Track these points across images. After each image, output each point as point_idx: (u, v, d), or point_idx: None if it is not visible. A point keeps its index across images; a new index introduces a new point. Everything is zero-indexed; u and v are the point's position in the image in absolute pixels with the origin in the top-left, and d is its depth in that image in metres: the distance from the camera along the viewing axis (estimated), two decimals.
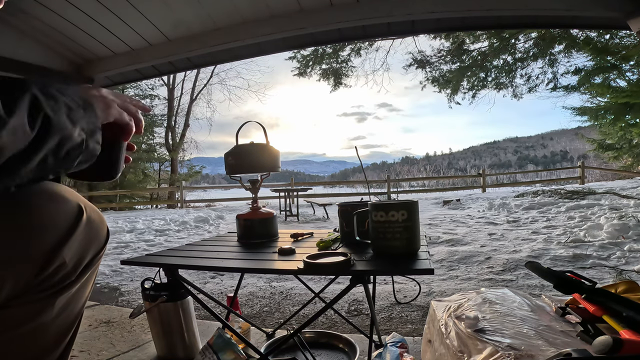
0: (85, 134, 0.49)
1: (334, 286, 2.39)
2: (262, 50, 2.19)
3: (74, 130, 0.46)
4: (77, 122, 0.47)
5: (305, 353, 1.29)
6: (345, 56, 10.94)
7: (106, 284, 3.02)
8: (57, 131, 0.44)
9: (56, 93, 0.45)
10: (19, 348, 0.49)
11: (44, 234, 0.49)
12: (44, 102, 0.42)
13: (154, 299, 1.35)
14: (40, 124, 0.41)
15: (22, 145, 0.39)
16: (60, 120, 0.44)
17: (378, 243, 0.96)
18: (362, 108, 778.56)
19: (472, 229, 4.93)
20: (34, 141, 0.41)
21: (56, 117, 0.43)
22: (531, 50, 9.68)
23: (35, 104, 0.41)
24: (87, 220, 0.55)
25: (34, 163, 0.43)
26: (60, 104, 0.45)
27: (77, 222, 0.53)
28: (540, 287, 2.41)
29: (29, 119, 0.40)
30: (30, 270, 0.47)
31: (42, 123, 0.41)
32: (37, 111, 0.41)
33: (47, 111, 0.42)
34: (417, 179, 22.81)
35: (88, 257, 0.57)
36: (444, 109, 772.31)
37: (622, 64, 8.10)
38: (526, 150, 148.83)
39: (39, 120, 0.41)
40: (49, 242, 0.49)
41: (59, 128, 0.44)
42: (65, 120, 0.45)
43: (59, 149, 0.45)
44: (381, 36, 3.62)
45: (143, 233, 5.81)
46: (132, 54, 2.16)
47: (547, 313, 0.89)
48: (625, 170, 11.71)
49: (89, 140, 0.50)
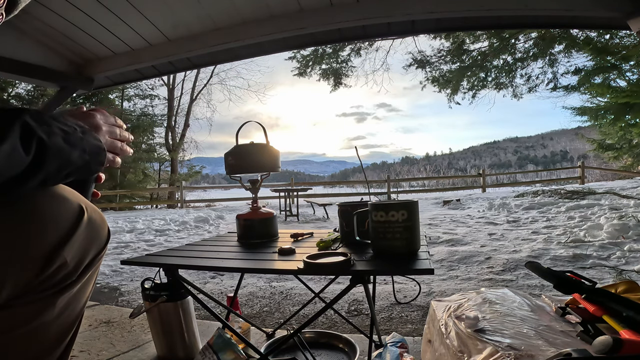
0: (88, 156, 0.51)
1: (334, 286, 2.39)
2: (262, 50, 2.19)
3: (73, 152, 0.48)
4: (76, 145, 0.48)
5: (305, 353, 1.29)
6: (345, 56, 10.94)
7: (106, 284, 3.02)
8: (55, 154, 0.45)
9: (49, 119, 0.46)
10: (20, 347, 0.49)
11: (45, 234, 0.49)
12: (36, 127, 0.42)
13: (154, 299, 1.35)
14: (35, 148, 0.42)
15: (18, 169, 0.40)
16: (57, 144, 0.45)
17: (378, 243, 0.96)
18: (361, 108, 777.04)
19: (472, 229, 4.92)
20: (31, 165, 0.42)
21: (51, 141, 0.44)
22: (531, 50, 9.68)
23: (27, 129, 0.41)
24: (88, 220, 0.55)
25: (33, 185, 0.44)
26: (54, 128, 0.45)
27: (78, 222, 0.53)
28: (540, 287, 2.41)
29: (23, 144, 0.40)
30: (31, 270, 0.47)
31: (37, 147, 0.42)
32: (30, 136, 0.41)
33: (40, 135, 0.42)
34: (417, 179, 22.81)
35: (89, 257, 0.57)
36: (443, 109, 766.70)
37: (622, 64, 8.09)
38: (526, 150, 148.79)
39: (34, 145, 0.42)
40: (50, 242, 0.49)
41: (56, 151, 0.45)
42: (62, 144, 0.46)
43: (59, 171, 0.47)
44: (381, 36, 3.62)
45: (143, 233, 5.81)
46: (132, 54, 2.16)
47: (547, 313, 0.89)
48: (625, 170, 11.71)
49: (92, 162, 0.53)
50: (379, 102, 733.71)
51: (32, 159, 0.41)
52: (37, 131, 0.42)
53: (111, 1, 1.74)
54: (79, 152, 0.49)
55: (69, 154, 0.47)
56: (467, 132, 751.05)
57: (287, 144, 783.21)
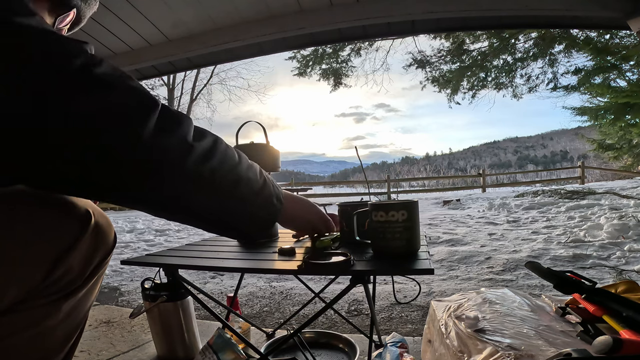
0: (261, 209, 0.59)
1: (334, 286, 2.39)
2: (262, 50, 2.19)
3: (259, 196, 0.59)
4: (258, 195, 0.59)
5: (305, 353, 1.29)
6: (345, 56, 10.94)
7: (106, 284, 3.02)
8: None
9: (272, 179, 0.64)
10: (25, 351, 0.49)
11: (50, 239, 0.48)
12: None
13: (154, 299, 1.35)
14: None
15: None
16: None
17: (378, 243, 0.96)
18: (360, 109, 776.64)
19: (472, 229, 4.92)
20: (259, 189, 0.59)
21: None
22: (531, 50, 9.67)
23: None
24: (94, 225, 0.55)
25: None
26: (274, 182, 0.64)
27: (85, 227, 0.53)
28: (540, 287, 2.41)
29: None
30: (36, 276, 0.47)
31: None
32: None
33: None
34: (417, 179, 22.80)
35: (95, 262, 0.56)
36: (442, 109, 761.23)
37: (622, 64, 8.09)
38: (526, 150, 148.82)
39: None
40: (56, 247, 0.49)
41: None
42: None
43: None
44: (381, 36, 3.62)
45: (143, 233, 5.81)
46: (132, 54, 2.16)
47: (547, 313, 0.89)
48: (625, 170, 11.72)
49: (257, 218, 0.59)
50: (377, 102, 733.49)
51: None
52: None
53: (111, 1, 1.74)
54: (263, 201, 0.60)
55: None
56: (467, 132, 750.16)
57: (287, 144, 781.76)
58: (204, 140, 0.49)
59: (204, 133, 0.51)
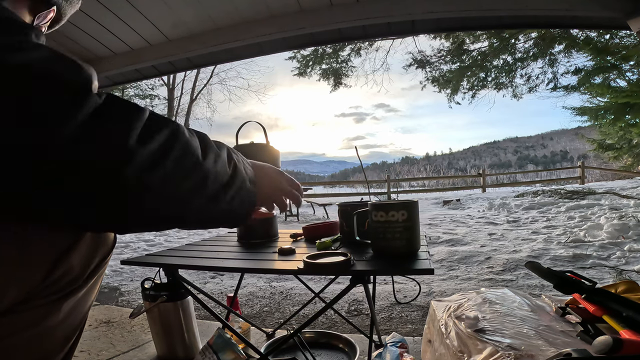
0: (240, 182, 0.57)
1: (334, 286, 2.39)
2: (262, 50, 2.19)
3: None
4: None
5: (305, 353, 1.29)
6: (345, 56, 10.94)
7: (106, 284, 3.02)
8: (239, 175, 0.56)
9: (240, 156, 0.60)
10: (24, 351, 0.49)
11: (50, 239, 0.48)
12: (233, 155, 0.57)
13: (154, 299, 1.35)
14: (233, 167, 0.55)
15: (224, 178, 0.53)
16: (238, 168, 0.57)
17: (378, 243, 0.96)
18: (360, 109, 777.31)
19: (472, 229, 4.92)
20: (230, 179, 0.54)
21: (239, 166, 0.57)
22: (531, 50, 9.68)
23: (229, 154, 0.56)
24: None
25: None
26: (244, 162, 0.60)
27: None
28: (540, 287, 2.41)
29: None
30: (36, 276, 0.47)
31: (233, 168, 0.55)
32: None
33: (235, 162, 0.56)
34: (417, 179, 22.79)
35: (95, 262, 0.56)
36: (442, 109, 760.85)
37: (622, 64, 8.09)
38: (526, 150, 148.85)
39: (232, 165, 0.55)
40: (56, 247, 0.49)
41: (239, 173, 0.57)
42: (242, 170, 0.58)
43: None
44: (381, 36, 3.62)
45: (143, 233, 5.81)
46: (132, 54, 2.16)
47: (547, 313, 0.89)
48: (625, 170, 11.71)
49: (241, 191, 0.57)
50: (377, 102, 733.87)
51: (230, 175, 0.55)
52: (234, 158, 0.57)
53: (111, 1, 1.74)
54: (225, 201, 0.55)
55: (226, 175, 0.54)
56: (467, 132, 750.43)
57: (287, 144, 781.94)
58: (152, 141, 0.42)
59: (156, 130, 0.43)
